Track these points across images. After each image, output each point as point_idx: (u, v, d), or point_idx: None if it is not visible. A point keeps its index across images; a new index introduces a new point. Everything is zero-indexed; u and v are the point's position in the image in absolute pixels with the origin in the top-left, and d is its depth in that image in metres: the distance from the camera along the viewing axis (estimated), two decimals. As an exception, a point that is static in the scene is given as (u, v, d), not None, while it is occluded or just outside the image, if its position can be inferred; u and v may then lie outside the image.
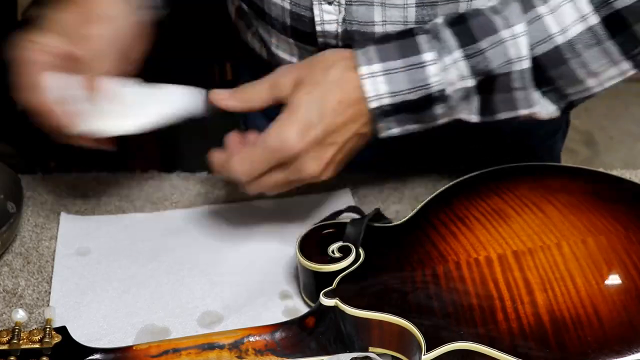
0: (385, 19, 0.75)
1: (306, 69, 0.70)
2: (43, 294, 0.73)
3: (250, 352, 0.64)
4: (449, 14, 0.71)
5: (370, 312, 0.64)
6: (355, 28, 0.77)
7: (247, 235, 0.81)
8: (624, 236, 0.69)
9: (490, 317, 0.62)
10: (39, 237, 0.80)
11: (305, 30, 0.80)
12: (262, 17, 0.84)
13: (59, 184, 0.87)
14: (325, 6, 0.77)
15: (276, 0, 0.80)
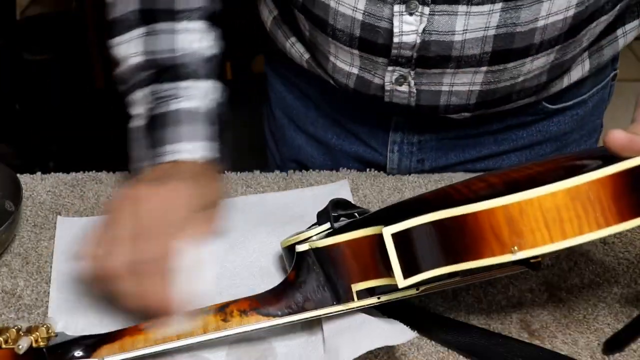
0: (467, 28, 0.75)
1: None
2: (42, 294, 0.73)
3: (235, 314, 0.65)
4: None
5: (340, 235, 0.64)
6: (434, 38, 0.76)
7: (246, 230, 0.80)
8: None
9: (446, 199, 0.63)
10: (38, 238, 0.80)
11: (377, 41, 0.79)
12: (322, 29, 0.82)
13: (58, 184, 0.87)
14: (406, 17, 0.75)
15: (345, 11, 0.78)
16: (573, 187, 0.55)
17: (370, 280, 0.64)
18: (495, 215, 0.56)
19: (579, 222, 0.55)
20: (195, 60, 0.77)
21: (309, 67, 0.90)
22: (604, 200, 0.56)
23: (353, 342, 0.65)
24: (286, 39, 0.92)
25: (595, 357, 0.69)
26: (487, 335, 0.70)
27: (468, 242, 0.57)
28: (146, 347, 0.64)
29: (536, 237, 0.56)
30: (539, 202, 0.55)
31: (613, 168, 0.56)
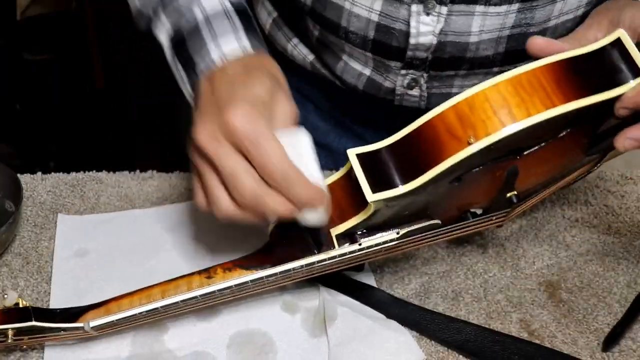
0: (483, 28, 0.75)
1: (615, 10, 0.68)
2: (42, 294, 0.73)
3: (219, 271, 0.66)
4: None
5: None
6: (450, 39, 0.76)
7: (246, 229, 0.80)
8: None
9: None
10: (38, 237, 0.80)
11: (391, 43, 0.78)
12: (334, 31, 0.81)
13: (59, 184, 0.87)
14: (423, 17, 0.75)
15: (360, 12, 0.77)
16: (514, 77, 0.60)
17: (348, 220, 0.65)
18: (447, 116, 0.60)
19: (525, 105, 0.59)
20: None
21: (313, 69, 0.90)
22: (547, 85, 0.60)
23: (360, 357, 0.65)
24: (288, 41, 0.91)
25: (594, 356, 0.69)
26: (483, 333, 0.70)
27: (428, 148, 0.60)
28: (131, 309, 0.65)
29: (488, 126, 0.59)
30: (485, 94, 0.59)
31: (549, 59, 0.61)
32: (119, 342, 0.68)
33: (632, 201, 0.87)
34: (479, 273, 0.77)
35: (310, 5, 0.81)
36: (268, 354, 0.68)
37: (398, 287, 0.75)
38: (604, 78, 0.61)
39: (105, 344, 0.68)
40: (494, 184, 0.67)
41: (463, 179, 0.63)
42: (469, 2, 0.73)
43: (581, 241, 0.81)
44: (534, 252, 0.80)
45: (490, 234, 0.82)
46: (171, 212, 0.83)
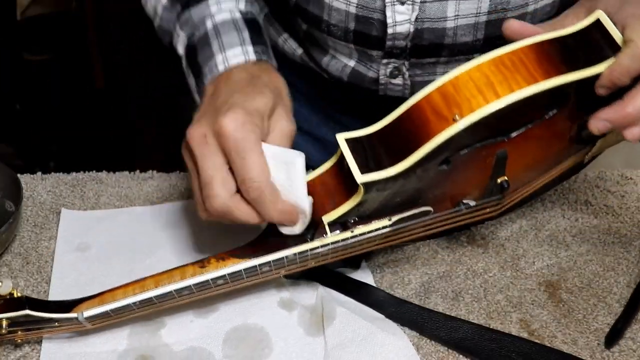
0: (458, 13, 0.76)
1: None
2: (42, 294, 0.73)
3: (212, 261, 0.66)
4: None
5: (308, 174, 0.67)
6: (427, 26, 0.77)
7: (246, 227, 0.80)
8: None
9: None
10: (38, 237, 0.80)
11: (371, 33, 0.79)
12: (317, 26, 0.83)
13: (59, 184, 0.87)
14: (398, 6, 0.76)
15: (339, 6, 0.79)
16: (496, 57, 0.62)
17: (339, 207, 0.65)
18: (433, 97, 0.61)
19: (508, 82, 0.60)
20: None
21: (302, 62, 0.91)
22: (528, 63, 0.61)
23: None
24: (279, 36, 0.92)
25: (594, 356, 0.69)
26: (480, 332, 0.70)
27: (415, 130, 0.61)
28: (125, 298, 0.65)
29: (472, 103, 0.60)
30: (468, 74, 0.61)
31: (531, 40, 0.63)
32: (116, 335, 0.68)
33: (632, 201, 0.87)
34: (479, 273, 0.77)
35: (294, 1, 0.82)
36: (264, 350, 0.68)
37: (398, 287, 0.75)
38: (585, 56, 0.63)
39: (102, 338, 0.68)
40: (484, 172, 0.68)
41: (452, 162, 0.63)
42: None
43: (581, 241, 0.81)
44: (534, 252, 0.80)
45: (490, 234, 0.82)
46: (172, 209, 0.83)
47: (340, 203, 0.65)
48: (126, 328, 0.69)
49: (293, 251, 0.66)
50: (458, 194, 0.69)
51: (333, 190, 0.66)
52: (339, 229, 0.66)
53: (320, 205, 0.66)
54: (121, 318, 0.66)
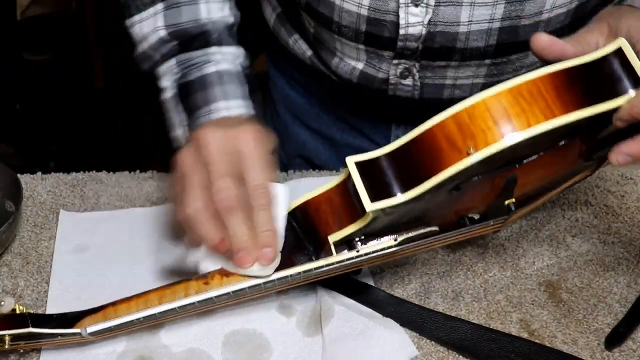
0: (472, 19, 0.76)
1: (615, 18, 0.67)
2: (42, 294, 0.73)
3: (216, 277, 0.66)
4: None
5: (313, 191, 0.66)
6: (440, 29, 0.77)
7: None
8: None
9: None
10: (38, 237, 0.80)
11: (383, 35, 0.79)
12: (327, 26, 0.83)
13: (59, 184, 0.87)
14: (412, 8, 0.76)
15: (350, 8, 0.79)
16: (514, 87, 0.59)
17: (346, 227, 0.65)
18: (447, 125, 0.59)
19: (525, 115, 0.58)
20: (220, 28, 0.78)
21: (312, 64, 0.91)
22: (547, 95, 0.59)
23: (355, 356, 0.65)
24: (289, 36, 0.93)
25: (595, 356, 0.69)
26: (479, 332, 0.70)
27: (427, 157, 0.60)
28: (129, 314, 0.65)
29: (487, 136, 0.58)
30: (485, 103, 0.59)
31: (551, 68, 0.60)
32: (115, 336, 0.68)
33: (632, 201, 0.87)
34: (479, 273, 0.77)
35: (305, 1, 0.83)
36: (263, 354, 0.68)
37: (398, 287, 0.75)
38: (604, 88, 0.61)
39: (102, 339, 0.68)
40: (492, 190, 0.67)
41: (462, 187, 0.63)
42: None
43: (581, 241, 0.81)
44: (534, 252, 0.80)
45: (490, 234, 0.82)
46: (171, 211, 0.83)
47: (347, 223, 0.64)
48: (126, 333, 0.69)
49: (298, 270, 0.65)
50: (464, 209, 0.69)
51: (339, 209, 0.65)
52: (345, 248, 0.66)
53: (325, 223, 0.65)
54: (124, 330, 0.66)
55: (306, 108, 1.00)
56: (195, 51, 0.77)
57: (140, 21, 0.79)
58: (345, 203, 0.64)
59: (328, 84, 0.92)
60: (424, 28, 0.77)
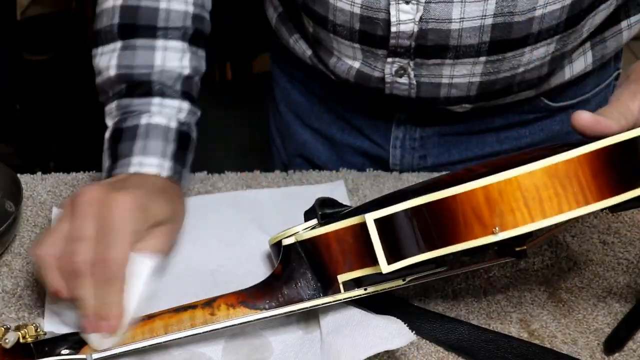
0: (464, 16, 0.76)
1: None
2: (42, 294, 0.73)
3: (222, 308, 0.66)
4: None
5: (324, 226, 0.65)
6: (432, 26, 0.77)
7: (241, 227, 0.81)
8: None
9: (428, 186, 0.63)
10: (38, 238, 0.80)
11: (376, 33, 0.80)
12: (323, 25, 0.83)
13: (59, 184, 0.87)
14: (403, 5, 0.76)
15: (343, 7, 0.79)
16: (551, 166, 0.56)
17: (356, 270, 0.64)
18: (476, 196, 0.57)
19: (558, 200, 0.56)
20: (170, 79, 0.78)
21: (312, 63, 0.91)
22: (582, 178, 0.57)
23: (352, 345, 0.65)
24: (290, 36, 0.93)
25: (594, 356, 0.69)
26: (477, 333, 0.70)
27: (450, 225, 0.58)
28: (134, 343, 0.65)
29: (517, 217, 0.56)
30: (518, 181, 0.56)
31: (590, 147, 0.57)
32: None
33: (632, 201, 0.86)
34: (479, 273, 0.77)
35: (302, 0, 0.83)
36: (264, 353, 0.68)
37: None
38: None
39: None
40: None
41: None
42: None
43: (581, 241, 0.81)
44: (534, 252, 0.80)
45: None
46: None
47: (358, 267, 0.64)
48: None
49: (305, 305, 0.65)
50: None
51: (351, 251, 0.64)
52: (354, 286, 0.66)
53: (336, 262, 0.65)
54: (128, 354, 0.66)
55: (307, 107, 1.00)
56: (137, 98, 0.77)
57: (101, 54, 0.80)
58: (357, 247, 0.63)
59: (328, 84, 0.92)
60: (415, 25, 0.77)
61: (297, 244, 0.67)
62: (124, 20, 0.78)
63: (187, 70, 0.79)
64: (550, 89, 0.89)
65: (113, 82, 0.78)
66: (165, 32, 0.78)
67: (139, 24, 0.78)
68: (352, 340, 0.65)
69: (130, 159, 0.74)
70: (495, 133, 0.94)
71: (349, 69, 0.86)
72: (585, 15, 0.79)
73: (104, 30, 0.79)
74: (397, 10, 0.77)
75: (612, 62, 0.95)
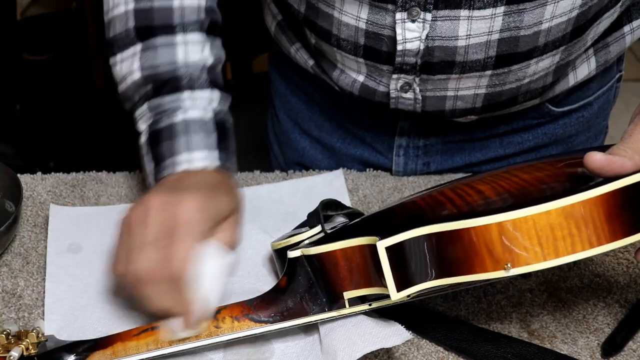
0: (470, 33, 0.75)
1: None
2: (42, 294, 0.73)
3: (227, 320, 0.66)
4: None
5: (332, 243, 0.65)
6: (438, 44, 0.76)
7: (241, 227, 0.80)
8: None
9: (440, 209, 0.64)
10: (38, 237, 0.80)
11: (381, 49, 0.79)
12: (326, 39, 0.82)
13: (59, 184, 0.87)
14: (409, 24, 0.75)
15: (349, 21, 0.78)
16: (568, 206, 0.57)
17: (363, 288, 0.64)
18: (490, 231, 0.57)
19: (572, 240, 0.57)
20: (196, 71, 0.77)
21: (314, 73, 0.90)
22: (597, 220, 0.57)
23: (349, 343, 0.65)
24: (291, 45, 0.92)
25: (594, 356, 0.69)
26: (476, 332, 0.70)
27: (462, 256, 0.58)
28: (139, 354, 0.64)
29: (529, 255, 0.57)
30: (534, 220, 0.56)
31: (607, 187, 0.57)
32: None
33: (632, 201, 0.86)
34: (479, 273, 0.77)
35: (304, 13, 0.82)
36: (265, 354, 0.68)
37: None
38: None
39: None
40: None
41: None
42: (452, 7, 0.73)
43: (581, 241, 0.81)
44: (534, 252, 0.80)
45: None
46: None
47: (364, 286, 0.64)
48: None
49: (309, 319, 0.66)
50: None
51: (357, 270, 0.64)
52: (358, 302, 0.66)
53: (343, 279, 0.65)
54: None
55: (307, 115, 0.99)
56: (167, 96, 0.76)
57: (121, 61, 0.79)
58: (366, 267, 0.63)
59: (330, 94, 0.91)
60: (421, 43, 0.76)
61: (303, 257, 0.66)
62: (140, 23, 0.77)
63: (210, 60, 0.78)
64: (555, 95, 0.89)
65: (139, 86, 0.77)
66: (183, 27, 0.77)
67: (155, 24, 0.77)
68: (349, 340, 0.65)
69: (176, 158, 0.73)
70: (499, 138, 0.93)
71: (353, 82, 0.85)
72: (589, 25, 0.79)
73: (120, 37, 0.78)
74: (403, 28, 0.75)
75: (614, 65, 0.95)
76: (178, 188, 0.69)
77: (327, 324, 0.68)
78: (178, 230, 0.65)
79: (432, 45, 0.76)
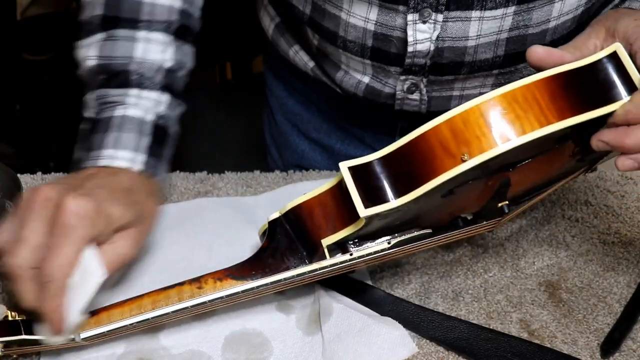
0: (480, 33, 0.75)
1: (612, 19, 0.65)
2: (42, 294, 0.73)
3: (210, 282, 0.66)
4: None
5: (306, 194, 0.66)
6: (448, 44, 0.76)
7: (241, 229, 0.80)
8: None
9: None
10: None
11: (390, 50, 0.79)
12: (331, 41, 0.82)
13: (59, 184, 0.86)
14: (420, 25, 0.75)
15: (356, 23, 0.78)
16: (509, 92, 0.59)
17: (339, 231, 0.64)
18: (441, 130, 0.59)
19: (520, 122, 0.58)
20: (149, 70, 0.76)
21: (314, 75, 0.90)
22: (541, 101, 0.59)
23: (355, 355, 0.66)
24: (289, 47, 0.91)
25: (594, 356, 0.69)
26: (476, 331, 0.70)
27: (421, 163, 0.60)
28: (122, 319, 0.65)
29: (482, 142, 0.58)
30: (479, 109, 0.59)
31: (544, 73, 0.60)
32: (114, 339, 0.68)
33: (632, 201, 0.87)
34: (479, 273, 0.77)
35: (309, 15, 0.82)
36: (263, 353, 0.68)
37: (398, 287, 0.75)
38: (599, 93, 0.61)
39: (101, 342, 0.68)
40: (486, 192, 0.67)
41: (455, 191, 0.63)
42: (464, 8, 0.73)
43: (581, 241, 0.81)
44: (534, 252, 0.80)
45: (490, 234, 0.82)
46: (170, 210, 0.83)
47: (340, 228, 0.64)
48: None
49: (291, 274, 0.66)
50: (457, 211, 0.69)
51: (332, 213, 0.65)
52: (339, 251, 0.66)
53: (319, 227, 0.65)
54: (118, 334, 0.66)
55: (305, 116, 0.99)
56: (115, 89, 0.75)
57: (81, 46, 0.79)
58: (338, 207, 0.64)
59: (331, 96, 0.91)
60: (432, 44, 0.76)
61: (282, 217, 0.67)
62: (107, 12, 0.77)
63: (169, 62, 0.77)
64: None
65: (93, 73, 0.77)
66: (149, 25, 0.76)
67: (121, 16, 0.77)
68: (355, 351, 0.66)
69: (101, 152, 0.72)
70: None
71: (358, 84, 0.84)
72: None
73: (87, 22, 0.79)
74: (414, 30, 0.75)
75: None
76: (79, 187, 0.66)
77: (331, 327, 0.68)
78: (58, 231, 0.61)
79: (442, 46, 0.76)
